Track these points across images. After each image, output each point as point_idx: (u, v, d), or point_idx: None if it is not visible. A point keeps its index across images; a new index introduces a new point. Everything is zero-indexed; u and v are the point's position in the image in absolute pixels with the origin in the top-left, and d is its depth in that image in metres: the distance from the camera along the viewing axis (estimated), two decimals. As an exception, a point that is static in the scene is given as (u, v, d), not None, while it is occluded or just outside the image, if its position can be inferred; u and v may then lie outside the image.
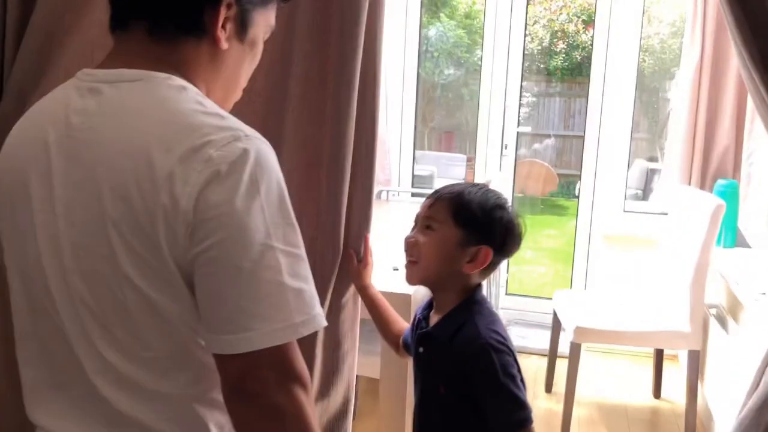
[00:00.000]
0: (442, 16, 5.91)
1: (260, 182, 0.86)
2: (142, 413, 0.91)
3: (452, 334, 1.32)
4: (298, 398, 0.87)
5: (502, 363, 1.26)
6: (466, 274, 1.34)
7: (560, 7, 7.30)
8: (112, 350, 0.90)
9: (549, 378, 3.24)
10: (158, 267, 0.86)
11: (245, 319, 0.84)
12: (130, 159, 0.86)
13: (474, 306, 1.34)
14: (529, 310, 4.00)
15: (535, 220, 6.76)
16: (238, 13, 0.99)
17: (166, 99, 0.91)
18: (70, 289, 0.91)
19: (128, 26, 0.97)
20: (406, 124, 4.02)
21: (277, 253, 0.86)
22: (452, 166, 5.52)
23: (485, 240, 1.33)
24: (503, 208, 1.37)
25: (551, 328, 3.19)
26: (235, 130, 0.88)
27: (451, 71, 5.93)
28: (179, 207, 0.83)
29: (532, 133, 6.82)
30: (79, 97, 0.95)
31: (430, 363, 1.39)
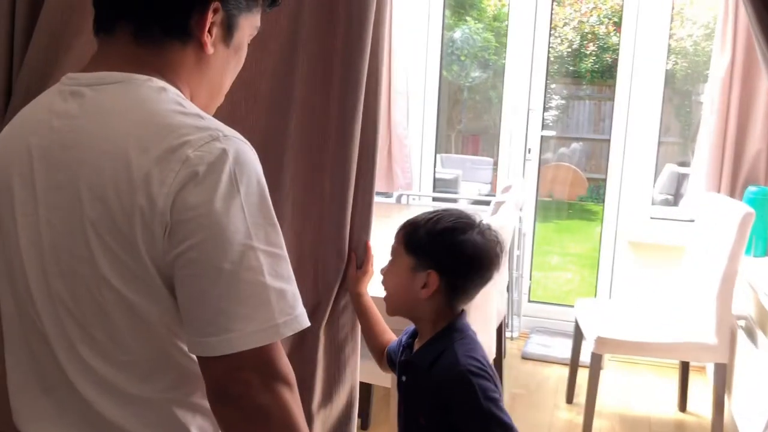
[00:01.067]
0: (468, 19, 5.84)
1: (240, 182, 0.85)
2: (123, 418, 0.91)
3: (431, 362, 1.31)
4: (283, 398, 0.86)
5: (482, 387, 1.26)
6: (426, 300, 1.34)
7: (591, 9, 7.18)
8: (92, 353, 0.90)
9: (570, 388, 3.16)
10: (136, 268, 0.85)
11: (227, 321, 0.83)
12: (108, 160, 0.86)
13: (454, 334, 1.34)
14: (552, 318, 3.92)
15: (562, 225, 6.65)
16: (224, 18, 0.99)
17: (145, 100, 0.90)
18: (50, 291, 0.91)
19: (114, 30, 0.97)
20: (428, 126, 3.97)
21: (258, 253, 0.85)
22: (478, 169, 5.45)
23: (432, 265, 1.34)
24: (454, 232, 1.35)
25: (573, 338, 3.11)
26: (213, 130, 0.87)
27: (477, 74, 5.87)
28: (156, 207, 0.83)
29: (561, 137, 6.72)
30: (62, 100, 0.95)
31: (411, 392, 1.39)
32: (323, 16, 1.49)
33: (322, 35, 1.49)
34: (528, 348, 3.69)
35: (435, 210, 1.42)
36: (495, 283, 2.51)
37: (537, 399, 3.20)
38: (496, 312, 2.79)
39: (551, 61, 6.35)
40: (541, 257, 5.86)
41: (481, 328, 2.41)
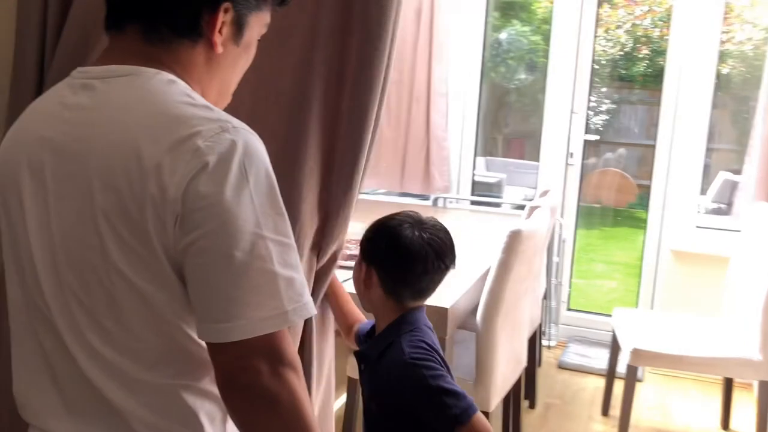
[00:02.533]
0: (515, 21, 5.76)
1: (249, 172, 0.86)
2: (132, 404, 0.91)
3: (380, 353, 1.38)
4: (291, 383, 0.87)
5: (427, 369, 1.32)
6: (369, 293, 1.42)
7: (645, 12, 7.00)
8: (102, 342, 0.91)
9: (606, 400, 3.07)
10: (147, 257, 0.86)
11: (237, 308, 0.85)
12: (119, 150, 0.87)
13: (402, 326, 1.39)
14: (591, 327, 3.82)
15: (609, 232, 6.49)
16: (234, 17, 0.99)
17: (155, 92, 0.91)
18: (60, 281, 0.92)
19: (123, 27, 0.98)
20: (468, 129, 3.92)
21: (268, 242, 0.86)
22: (523, 173, 5.36)
23: (371, 260, 1.42)
24: (382, 226, 1.42)
25: (610, 348, 3.02)
26: (223, 121, 0.88)
27: (524, 76, 5.77)
28: (167, 196, 0.84)
29: (607, 141, 6.56)
30: (72, 93, 0.96)
31: (367, 380, 1.45)
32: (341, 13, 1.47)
33: (338, 32, 1.47)
34: (565, 357, 3.60)
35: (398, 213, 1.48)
36: (527, 289, 2.46)
37: (571, 410, 3.11)
38: (529, 319, 2.72)
39: (603, 64, 6.21)
40: (585, 265, 5.72)
41: (510, 335, 2.35)
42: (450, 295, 2.05)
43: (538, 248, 2.42)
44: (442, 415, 1.31)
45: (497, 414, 2.74)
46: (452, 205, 3.88)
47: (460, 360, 2.35)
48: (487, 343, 2.21)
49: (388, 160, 3.75)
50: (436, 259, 1.40)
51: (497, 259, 2.17)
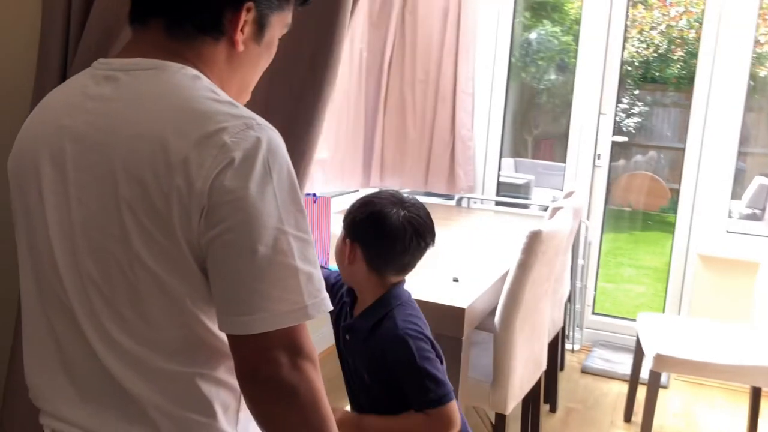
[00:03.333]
0: (546, 21, 5.69)
1: (272, 169, 0.88)
2: (148, 392, 0.92)
3: (373, 325, 1.45)
4: (310, 376, 0.89)
5: (418, 348, 1.40)
6: (353, 268, 1.48)
7: (680, 13, 6.87)
8: (120, 330, 0.92)
9: (629, 406, 3.02)
10: (170, 248, 0.87)
11: (260, 301, 0.86)
12: (145, 143, 0.88)
13: (392, 300, 1.47)
14: (616, 332, 3.77)
15: (639, 236, 6.38)
16: (256, 17, 1.01)
17: (181, 86, 0.92)
18: (79, 269, 0.93)
19: (147, 22, 0.99)
20: (493, 129, 3.89)
21: (289, 237, 0.88)
22: (550, 175, 5.30)
23: (354, 237, 1.48)
24: (367, 205, 1.48)
25: (633, 353, 2.97)
26: (247, 118, 0.90)
27: (554, 77, 5.71)
28: (194, 189, 0.85)
29: (636, 144, 6.45)
30: (95, 84, 0.97)
31: (355, 350, 1.50)
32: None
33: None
34: (588, 362, 3.55)
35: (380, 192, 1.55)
36: (547, 291, 2.42)
37: (593, 415, 3.07)
38: (549, 322, 2.69)
39: (636, 66, 6.11)
40: (614, 269, 5.64)
41: (529, 337, 2.32)
42: (467, 296, 2.04)
43: (560, 249, 2.38)
44: (418, 395, 1.40)
45: (516, 416, 2.71)
46: (476, 206, 3.85)
47: (478, 361, 2.33)
48: (505, 344, 2.19)
49: (413, 160, 3.74)
50: (416, 237, 1.47)
51: (516, 260, 2.14)
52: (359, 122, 3.51)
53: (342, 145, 3.35)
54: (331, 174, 3.28)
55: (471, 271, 2.34)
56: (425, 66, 3.65)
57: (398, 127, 3.71)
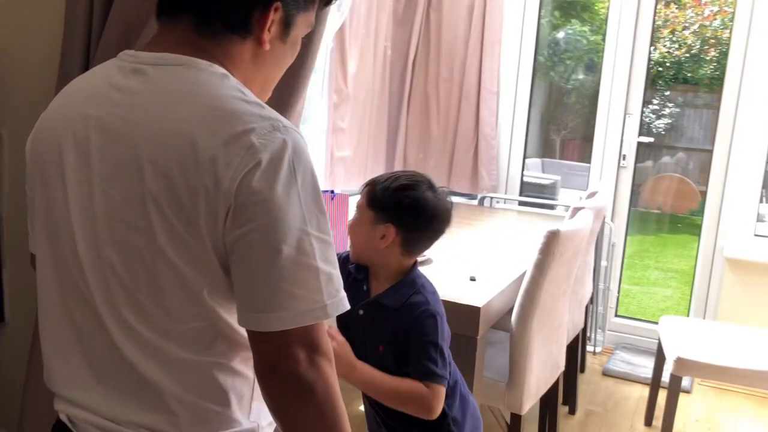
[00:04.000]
0: (574, 20, 5.63)
1: (297, 171, 0.90)
2: (166, 379, 0.94)
3: (402, 303, 1.50)
4: (326, 372, 0.91)
5: (442, 329, 1.48)
6: (384, 250, 1.51)
7: (714, 12, 6.74)
8: (139, 319, 0.93)
9: (649, 410, 2.98)
10: (193, 243, 0.89)
11: (282, 299, 0.88)
12: (173, 138, 0.89)
13: (417, 280, 1.54)
14: (640, 335, 3.72)
15: (668, 239, 6.29)
16: (283, 16, 1.02)
17: (209, 85, 0.93)
18: (101, 258, 0.94)
19: (176, 17, 1.00)
20: (518, 128, 3.86)
21: (312, 238, 0.90)
22: (577, 175, 5.25)
23: (390, 219, 1.50)
24: (408, 189, 1.50)
25: (655, 357, 2.93)
26: (274, 120, 0.91)
27: (581, 76, 5.64)
28: (221, 188, 0.86)
29: (663, 145, 6.35)
30: (122, 76, 0.97)
31: (372, 325, 1.53)
32: None
33: None
34: (610, 364, 3.51)
35: (395, 172, 1.58)
36: (565, 292, 2.40)
37: (613, 418, 3.03)
38: (570, 323, 2.66)
39: (667, 66, 6.02)
40: (640, 271, 5.57)
41: (547, 338, 2.30)
42: (483, 295, 2.03)
43: (579, 250, 2.36)
44: (425, 367, 1.46)
45: (533, 418, 2.70)
46: (499, 206, 3.83)
47: (495, 360, 2.32)
48: (521, 344, 2.17)
49: (436, 158, 3.73)
50: (448, 221, 1.55)
51: (533, 260, 2.12)
52: (382, 120, 3.51)
53: (364, 142, 3.36)
54: (352, 171, 3.28)
55: (489, 271, 2.32)
56: (449, 64, 3.64)
57: (421, 125, 3.71)
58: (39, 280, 1.05)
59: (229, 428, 0.97)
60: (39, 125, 1.05)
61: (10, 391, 2.07)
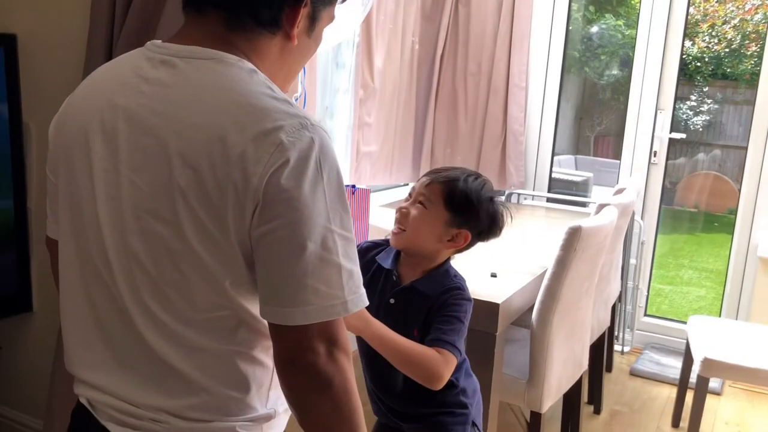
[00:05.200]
0: (609, 15, 5.54)
1: (323, 170, 0.91)
2: (188, 366, 0.96)
3: (441, 290, 1.49)
4: (344, 368, 0.93)
5: (468, 314, 1.50)
6: (443, 247, 1.51)
7: (756, 6, 6.57)
8: (162, 308, 0.95)
9: (677, 411, 2.93)
10: (219, 237, 0.90)
11: (305, 295, 0.89)
12: (202, 133, 0.90)
13: (450, 270, 1.54)
14: (669, 335, 3.65)
15: (702, 237, 6.16)
16: (310, 12, 1.03)
17: (239, 80, 0.94)
18: (126, 247, 0.95)
19: (205, 11, 1.00)
20: (546, 124, 3.82)
21: (335, 235, 0.91)
22: (608, 172, 5.18)
23: (467, 225, 1.49)
24: (492, 200, 1.52)
25: (683, 357, 2.88)
26: (302, 117, 0.92)
27: (615, 71, 5.55)
28: (250, 185, 0.87)
29: (700, 142, 6.21)
30: (151, 67, 0.98)
31: (405, 312, 1.52)
32: None
33: None
34: (638, 364, 3.46)
35: (461, 168, 1.55)
36: (588, 289, 2.37)
37: (639, 419, 2.99)
38: (596, 322, 2.63)
39: (705, 61, 5.88)
40: (674, 270, 5.47)
41: (568, 336, 2.28)
42: (503, 291, 2.01)
43: (603, 247, 2.32)
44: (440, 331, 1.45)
45: (556, 417, 2.67)
46: (527, 202, 3.80)
47: (516, 358, 2.30)
48: (541, 342, 2.15)
49: (464, 154, 3.71)
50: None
51: (554, 256, 2.10)
52: (409, 115, 3.51)
53: (391, 138, 3.35)
54: (378, 167, 3.28)
55: (511, 267, 2.30)
56: (478, 59, 3.61)
57: (449, 120, 3.69)
58: (61, 266, 1.07)
59: (247, 414, 1.00)
60: (64, 110, 1.06)
61: (38, 378, 2.12)
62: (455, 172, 1.52)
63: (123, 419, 0.99)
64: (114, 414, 1.00)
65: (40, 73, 2.05)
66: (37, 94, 2.05)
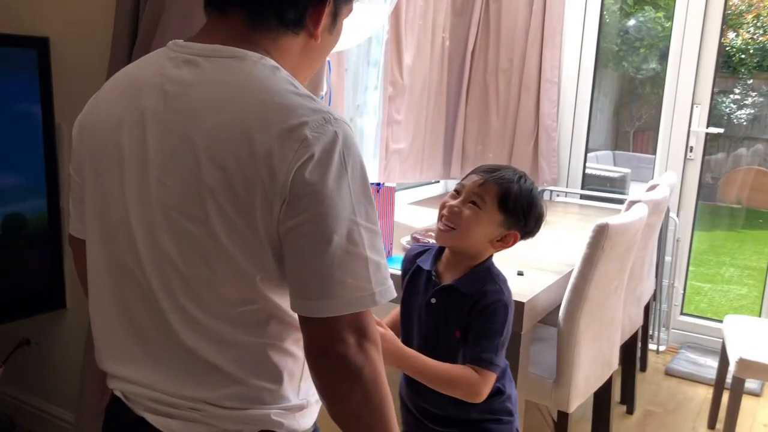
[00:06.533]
0: (648, 8, 5.43)
1: (347, 163, 0.92)
2: (222, 360, 0.98)
3: (480, 290, 1.49)
4: (374, 357, 0.94)
5: (508, 319, 1.48)
6: (489, 245, 1.51)
7: (804, -6, 6.37)
8: (196, 305, 0.97)
9: (713, 412, 2.86)
10: (248, 234, 0.92)
11: (333, 287, 0.91)
12: (229, 132, 0.91)
13: (492, 268, 1.54)
14: (707, 334, 3.57)
15: (746, 234, 6.00)
16: (332, 9, 1.05)
17: (262, 78, 0.95)
18: (158, 246, 0.97)
19: (227, 11, 1.01)
20: (579, 119, 3.76)
21: (361, 228, 0.93)
22: (647, 168, 5.08)
23: (517, 227, 1.50)
24: (540, 203, 1.53)
25: (719, 357, 2.81)
26: (325, 112, 0.93)
27: (654, 65, 5.44)
28: (277, 181, 0.89)
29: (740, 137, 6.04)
30: (175, 67, 0.99)
31: (446, 312, 1.52)
32: None
33: None
34: (674, 364, 3.39)
35: (511, 168, 1.55)
36: (617, 288, 2.32)
37: (674, 420, 2.93)
38: (624, 320, 2.58)
39: (750, 53, 5.73)
40: (714, 268, 5.34)
41: (597, 335, 2.24)
42: (529, 290, 1.99)
43: (632, 245, 2.28)
44: (482, 352, 1.45)
45: (587, 417, 2.63)
46: (560, 199, 3.75)
47: (543, 357, 2.27)
48: (569, 341, 2.12)
49: (495, 151, 3.68)
50: None
51: (582, 254, 2.07)
52: (440, 112, 3.49)
53: (421, 135, 3.34)
54: (408, 164, 3.27)
55: (538, 265, 2.28)
56: (509, 54, 3.57)
57: (480, 117, 3.66)
58: (89, 265, 1.09)
59: (281, 403, 1.02)
60: (88, 112, 1.07)
61: (71, 372, 2.17)
62: (508, 172, 1.52)
63: (160, 409, 1.01)
64: (150, 404, 1.02)
65: (70, 75, 2.10)
66: (67, 95, 2.10)
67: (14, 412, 2.31)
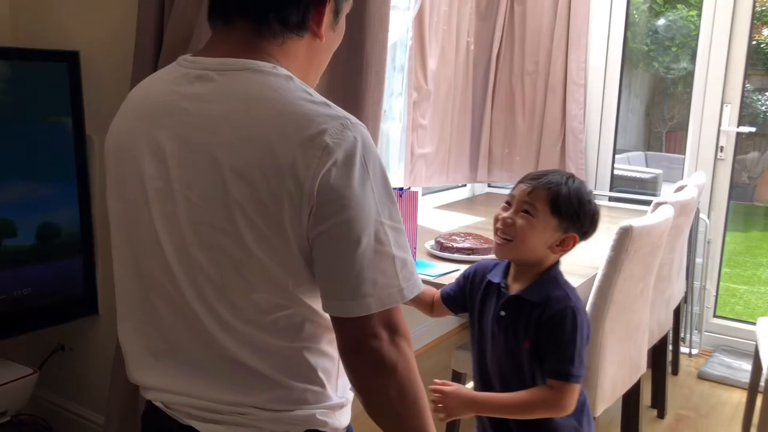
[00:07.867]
0: (680, 6, 5.36)
1: (369, 166, 0.95)
2: (262, 365, 1.00)
3: (546, 297, 1.49)
4: (406, 351, 0.98)
5: (581, 325, 1.47)
6: (550, 252, 1.52)
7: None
8: (232, 314, 0.99)
9: (747, 417, 2.80)
10: (278, 243, 0.94)
11: (363, 287, 0.94)
12: (251, 145, 0.93)
13: (559, 276, 1.54)
14: (741, 337, 3.50)
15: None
16: (333, 7, 1.07)
17: (277, 88, 0.96)
18: (190, 260, 0.99)
19: (232, 21, 1.03)
20: (606, 121, 3.72)
21: (386, 228, 0.96)
22: (676, 168, 5.01)
23: (573, 227, 1.51)
24: (591, 201, 1.54)
25: (753, 360, 2.76)
26: (342, 118, 0.95)
27: (684, 65, 5.36)
28: (303, 190, 0.91)
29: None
30: (188, 83, 1.00)
31: (515, 323, 1.52)
32: None
33: None
34: (707, 367, 3.33)
35: (557, 171, 1.56)
36: (643, 290, 2.30)
37: (707, 424, 2.88)
38: (652, 323, 2.55)
39: (786, 50, 5.61)
40: (751, 270, 5.24)
41: (623, 338, 2.22)
42: (551, 292, 1.98)
43: (658, 247, 2.25)
44: (557, 364, 1.45)
45: (614, 421, 2.61)
46: (587, 200, 3.71)
47: (569, 360, 2.26)
48: (594, 344, 2.10)
49: (522, 153, 3.67)
50: None
51: (606, 257, 2.06)
52: (466, 116, 3.49)
53: (447, 139, 3.35)
54: (434, 168, 3.28)
55: (564, 268, 2.26)
56: (534, 57, 3.56)
57: (506, 120, 3.65)
58: (117, 282, 1.10)
59: (324, 403, 1.05)
60: (111, 134, 1.09)
61: (102, 377, 2.22)
62: (555, 176, 1.53)
63: (206, 416, 1.03)
64: (195, 412, 1.04)
65: (100, 87, 2.15)
66: (97, 108, 2.15)
67: (50, 416, 2.37)
